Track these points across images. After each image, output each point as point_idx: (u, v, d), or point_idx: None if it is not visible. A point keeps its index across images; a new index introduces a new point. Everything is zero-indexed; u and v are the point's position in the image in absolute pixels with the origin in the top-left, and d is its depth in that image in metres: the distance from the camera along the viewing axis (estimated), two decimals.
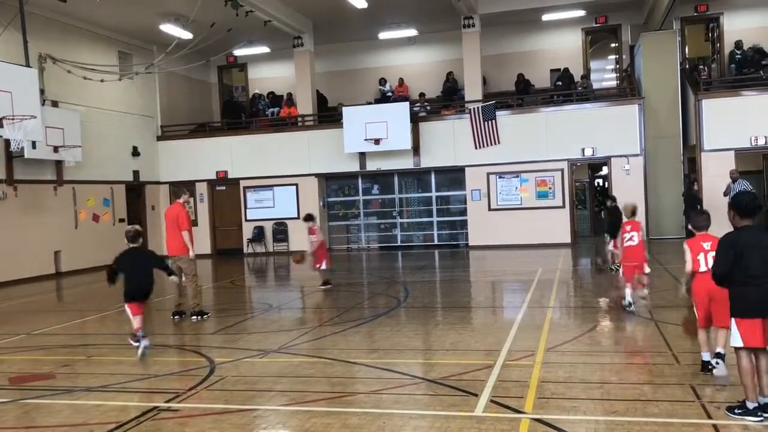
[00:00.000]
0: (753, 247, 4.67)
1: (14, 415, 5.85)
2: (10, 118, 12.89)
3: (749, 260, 4.65)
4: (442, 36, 23.49)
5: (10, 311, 12.36)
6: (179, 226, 10.17)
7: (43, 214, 17.52)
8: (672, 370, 6.19)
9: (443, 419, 5.09)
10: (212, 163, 22.18)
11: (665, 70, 20.02)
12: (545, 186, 19.77)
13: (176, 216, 10.19)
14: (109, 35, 20.37)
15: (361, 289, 13.53)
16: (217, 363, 7.21)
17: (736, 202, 4.91)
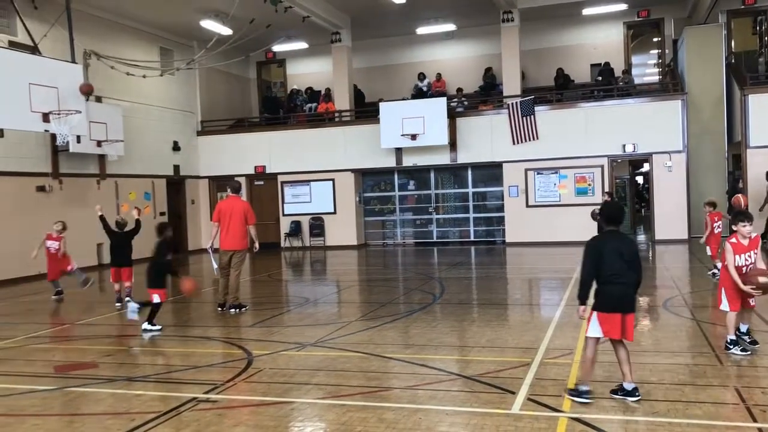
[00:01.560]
0: (614, 249, 5.28)
1: (60, 402, 6.01)
2: (56, 113, 13.19)
3: (611, 262, 5.25)
4: (481, 30, 23.31)
5: (56, 301, 12.68)
6: (248, 220, 10.27)
7: (87, 207, 17.85)
8: (715, 371, 6.05)
9: (480, 416, 5.06)
10: (251, 158, 22.42)
11: (710, 64, 19.54)
12: (584, 182, 19.49)
13: (245, 210, 10.28)
14: (151, 32, 20.72)
15: (397, 285, 13.54)
16: (255, 355, 7.29)
17: (604, 212, 5.68)
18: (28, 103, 12.72)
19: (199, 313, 10.80)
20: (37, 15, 15.30)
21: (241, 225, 10.23)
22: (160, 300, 8.94)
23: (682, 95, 18.93)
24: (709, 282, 11.66)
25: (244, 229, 10.29)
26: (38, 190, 16.44)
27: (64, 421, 5.48)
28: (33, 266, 15.89)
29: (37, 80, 12.91)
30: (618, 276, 5.24)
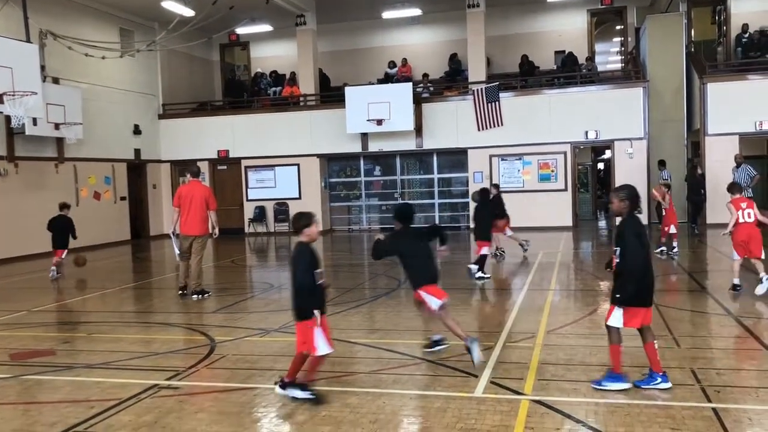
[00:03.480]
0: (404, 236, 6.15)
1: (16, 390, 5.87)
2: (11, 94, 12.82)
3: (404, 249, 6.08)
4: (447, 16, 23.28)
5: (11, 288, 12.39)
6: (209, 206, 10.14)
7: (44, 192, 17.49)
8: (672, 353, 6.19)
9: (443, 400, 5.09)
10: (214, 142, 22.11)
11: (671, 53, 19.86)
12: (548, 169, 19.70)
13: (206, 195, 10.14)
14: (111, 12, 20.19)
15: (362, 270, 13.53)
16: (218, 342, 7.22)
17: (396, 211, 6.36)
18: None
19: (161, 299, 10.65)
20: None
21: (201, 210, 10.10)
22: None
23: (644, 83, 19.21)
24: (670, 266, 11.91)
25: (205, 214, 10.16)
26: None
27: (19, 410, 5.36)
28: None
29: None
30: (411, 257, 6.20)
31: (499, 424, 4.56)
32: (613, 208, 5.34)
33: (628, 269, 5.08)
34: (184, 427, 4.75)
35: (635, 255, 5.06)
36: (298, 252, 5.13)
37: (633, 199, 5.21)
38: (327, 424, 4.69)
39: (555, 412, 4.75)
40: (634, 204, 5.21)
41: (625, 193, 5.23)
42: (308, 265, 5.08)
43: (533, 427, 4.49)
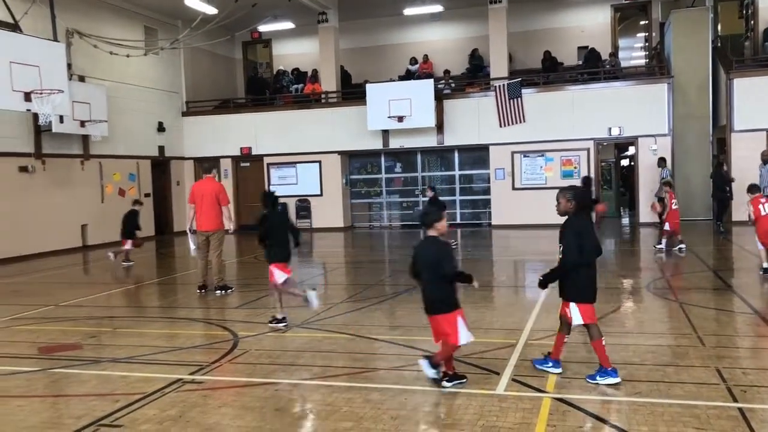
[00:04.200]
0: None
1: (44, 383, 5.99)
2: (39, 92, 13.02)
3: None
4: (468, 12, 23.18)
5: (39, 283, 12.60)
6: (221, 202, 10.24)
7: (71, 188, 17.76)
8: (697, 352, 6.12)
9: (464, 397, 5.09)
10: (236, 140, 22.26)
11: (696, 48, 19.59)
12: (570, 165, 19.55)
13: (217, 191, 10.24)
14: (135, 10, 20.41)
15: (383, 267, 13.56)
16: (241, 337, 7.29)
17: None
18: (9, 82, 12.54)
19: (185, 294, 10.77)
20: None
21: (212, 206, 10.21)
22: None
23: (668, 79, 18.97)
24: (694, 264, 11.77)
25: (217, 210, 10.26)
26: (21, 170, 16.23)
27: (48, 402, 5.46)
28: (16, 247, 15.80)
29: (18, 59, 12.73)
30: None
31: (521, 422, 4.55)
32: (560, 208, 5.58)
33: (564, 265, 5.41)
34: (207, 421, 4.81)
35: (571, 253, 5.32)
36: (440, 245, 5.21)
37: (579, 201, 5.51)
38: (348, 419, 4.71)
39: (577, 410, 4.73)
40: (580, 205, 5.52)
41: (571, 193, 5.52)
42: (452, 257, 5.22)
43: (555, 425, 4.48)
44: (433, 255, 5.20)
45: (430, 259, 5.22)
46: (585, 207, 5.55)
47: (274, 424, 4.76)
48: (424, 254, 5.29)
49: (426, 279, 5.25)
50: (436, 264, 5.17)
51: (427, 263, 5.24)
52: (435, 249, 5.21)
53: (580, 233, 5.38)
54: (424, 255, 5.29)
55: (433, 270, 5.19)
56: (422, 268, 5.28)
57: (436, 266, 5.17)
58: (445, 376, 5.32)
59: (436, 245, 5.24)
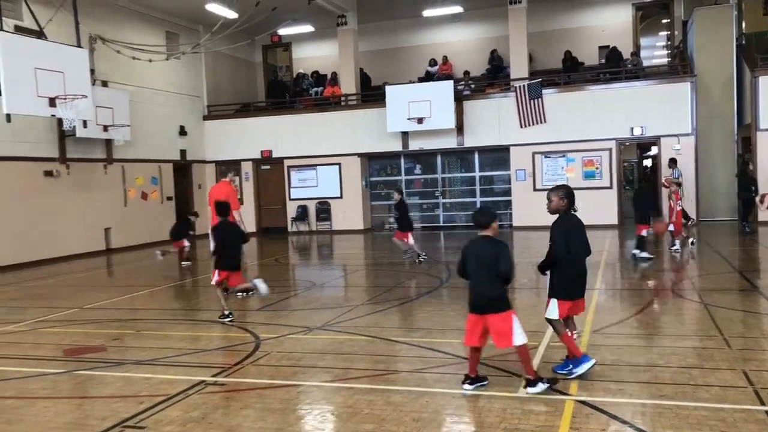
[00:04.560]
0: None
1: (69, 385, 6.06)
2: (63, 97, 13.18)
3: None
4: (488, 12, 23.11)
5: (64, 286, 12.76)
6: (231, 205, 10.29)
7: (94, 192, 17.99)
8: (723, 354, 6.03)
9: (486, 399, 5.07)
10: (257, 143, 22.40)
11: (720, 46, 19.33)
12: (592, 166, 19.39)
13: (227, 194, 10.32)
14: (157, 16, 20.63)
15: (403, 269, 13.54)
16: (263, 339, 7.32)
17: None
18: (34, 87, 12.71)
19: (207, 297, 10.83)
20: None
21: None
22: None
23: (692, 77, 18.74)
24: (720, 265, 11.61)
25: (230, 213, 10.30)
26: (46, 174, 16.48)
27: (73, 404, 5.52)
28: (41, 251, 16.02)
29: (43, 65, 12.90)
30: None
31: (543, 424, 4.52)
32: (552, 206, 5.61)
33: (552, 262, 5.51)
34: (230, 423, 4.83)
35: (558, 251, 5.43)
36: (497, 245, 5.21)
37: (571, 198, 5.58)
38: (370, 422, 4.71)
39: (600, 413, 4.68)
40: (571, 203, 5.58)
41: (564, 192, 5.60)
42: (510, 257, 5.24)
43: (578, 428, 4.43)
44: (491, 254, 5.17)
45: (487, 258, 5.18)
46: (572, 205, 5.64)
47: (295, 427, 4.77)
48: (479, 253, 5.25)
49: (481, 278, 5.20)
50: (494, 263, 5.14)
51: (483, 262, 5.19)
52: (492, 248, 5.20)
53: (569, 231, 5.48)
54: (479, 254, 5.25)
55: (491, 269, 5.15)
56: (476, 267, 5.23)
57: (493, 265, 5.14)
58: (466, 378, 5.29)
59: (492, 245, 5.24)
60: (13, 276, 14.24)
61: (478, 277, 5.23)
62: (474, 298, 5.28)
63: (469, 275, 5.31)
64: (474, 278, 5.27)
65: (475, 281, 5.26)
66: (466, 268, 5.33)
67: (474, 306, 5.27)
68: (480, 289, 5.22)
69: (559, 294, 5.52)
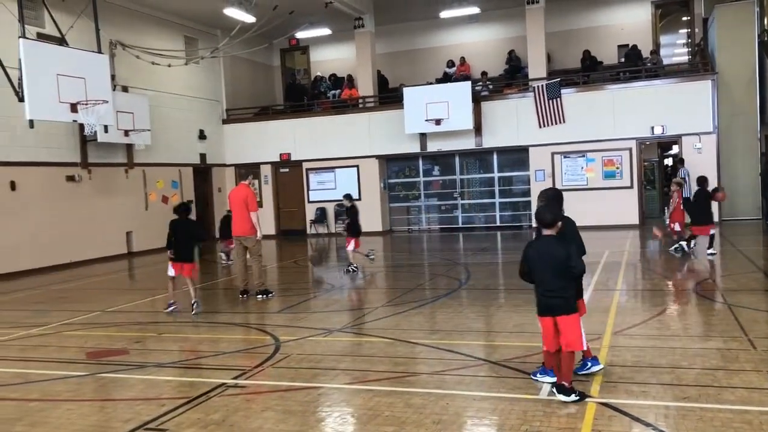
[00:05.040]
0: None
1: (92, 387, 6.12)
2: (84, 103, 13.35)
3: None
4: (505, 13, 23.04)
5: (87, 289, 12.91)
6: (248, 207, 10.37)
7: (116, 196, 18.18)
8: (748, 355, 5.94)
9: (507, 401, 5.04)
10: (276, 146, 22.50)
11: (741, 43, 19.09)
12: (612, 166, 19.23)
13: (245, 197, 10.39)
14: (176, 21, 20.82)
15: (422, 271, 13.52)
16: (282, 341, 7.34)
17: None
18: (56, 93, 12.89)
19: (227, 299, 10.91)
20: (64, 6, 15.45)
21: (242, 211, 10.38)
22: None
23: (713, 75, 18.52)
24: (743, 265, 11.45)
25: (246, 215, 10.40)
26: (68, 179, 16.69)
27: (96, 406, 5.58)
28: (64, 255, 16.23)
29: (64, 71, 13.08)
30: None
31: (565, 427, 4.48)
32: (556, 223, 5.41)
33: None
34: (250, 425, 4.84)
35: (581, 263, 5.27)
36: (565, 244, 5.12)
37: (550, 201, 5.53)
38: (390, 424, 4.70)
39: (623, 415, 4.63)
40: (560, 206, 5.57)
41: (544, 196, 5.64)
42: (580, 255, 5.15)
43: (600, 430, 4.39)
44: (562, 254, 5.07)
45: (558, 258, 5.07)
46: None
47: (316, 429, 4.77)
48: (548, 254, 5.12)
49: (553, 279, 5.07)
50: (565, 263, 5.05)
51: (553, 263, 5.08)
52: (562, 248, 5.10)
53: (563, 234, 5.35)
54: (548, 254, 5.12)
55: (562, 269, 5.06)
56: (544, 268, 5.10)
57: (564, 265, 5.05)
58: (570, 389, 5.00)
59: (562, 244, 5.14)
60: (36, 280, 14.43)
61: (550, 279, 5.08)
62: (548, 300, 5.10)
63: (536, 277, 5.17)
64: (544, 280, 5.11)
65: (547, 282, 5.10)
66: (531, 269, 5.19)
67: (547, 308, 5.11)
68: (553, 290, 5.07)
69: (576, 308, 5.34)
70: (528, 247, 5.28)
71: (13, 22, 12.75)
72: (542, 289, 5.13)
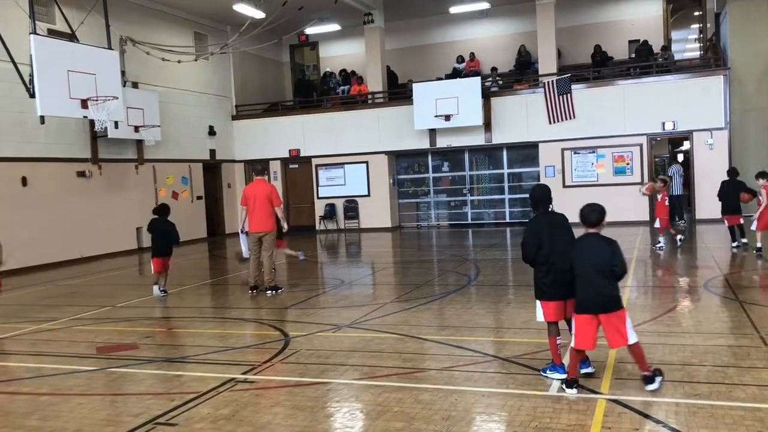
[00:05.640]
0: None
1: (103, 382, 6.16)
2: (94, 99, 13.40)
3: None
4: (515, 8, 22.94)
5: (97, 284, 12.98)
6: (273, 202, 10.36)
7: (126, 192, 18.26)
8: (759, 352, 5.90)
9: (516, 398, 5.02)
10: (285, 142, 22.52)
11: (754, 37, 18.92)
12: (623, 162, 19.12)
13: (269, 193, 10.37)
14: (186, 17, 20.86)
15: (431, 267, 13.51)
16: (292, 336, 7.35)
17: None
18: (67, 90, 12.94)
19: (236, 295, 10.94)
20: (75, 3, 15.51)
21: (266, 207, 10.31)
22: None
23: (725, 70, 18.38)
24: (752, 261, 11.37)
25: (270, 211, 10.35)
26: (79, 175, 16.78)
27: (107, 401, 5.61)
28: (74, 250, 16.32)
29: (75, 67, 13.12)
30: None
31: (575, 423, 4.46)
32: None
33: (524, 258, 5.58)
34: (260, 420, 4.86)
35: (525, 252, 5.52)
36: (611, 242, 5.13)
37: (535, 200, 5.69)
38: (400, 420, 4.70)
39: (633, 412, 4.61)
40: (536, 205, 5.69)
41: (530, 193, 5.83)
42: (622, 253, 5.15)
43: (610, 427, 4.37)
44: (608, 251, 5.08)
45: (604, 255, 5.07)
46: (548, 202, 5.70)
47: (325, 424, 4.78)
48: (594, 251, 5.12)
49: (597, 276, 5.03)
50: (610, 260, 5.05)
51: (599, 260, 5.07)
52: (608, 245, 5.11)
53: (539, 233, 5.48)
54: (594, 252, 5.12)
55: (607, 267, 5.05)
56: (589, 265, 5.06)
57: (609, 263, 5.05)
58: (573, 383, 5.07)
59: (607, 242, 5.16)
60: (47, 275, 14.52)
61: (594, 276, 5.04)
62: (591, 298, 5.04)
63: (579, 274, 5.11)
64: (587, 277, 5.06)
65: (591, 280, 5.04)
66: (574, 267, 5.15)
67: (590, 305, 5.05)
68: (597, 288, 5.02)
69: (542, 294, 5.48)
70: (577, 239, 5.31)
71: (24, 18, 12.80)
72: (589, 287, 5.07)
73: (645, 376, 5.01)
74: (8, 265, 9.71)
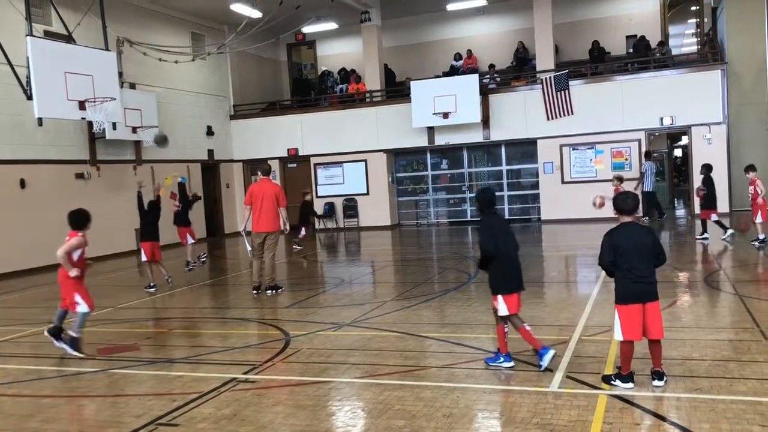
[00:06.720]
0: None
1: (104, 383, 6.16)
2: (92, 100, 13.37)
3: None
4: (512, 5, 22.93)
5: (97, 286, 12.93)
6: (280, 203, 10.35)
7: (124, 193, 18.20)
8: (760, 346, 5.91)
9: (517, 394, 5.03)
10: (283, 141, 22.51)
11: (752, 32, 18.89)
12: (621, 157, 19.13)
13: (277, 192, 10.35)
14: (182, 17, 20.83)
15: (431, 265, 13.51)
16: (292, 336, 7.36)
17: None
18: (64, 91, 12.90)
19: (237, 295, 10.94)
20: (71, 4, 15.49)
21: (272, 207, 10.29)
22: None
23: (722, 65, 18.38)
24: (751, 256, 11.39)
25: (276, 211, 10.35)
26: (77, 177, 16.77)
27: (108, 402, 5.61)
28: None
29: (72, 69, 13.08)
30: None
31: (576, 419, 4.47)
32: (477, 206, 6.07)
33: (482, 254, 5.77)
34: (261, 419, 4.86)
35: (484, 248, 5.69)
36: (651, 231, 5.13)
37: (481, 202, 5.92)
38: (401, 417, 4.70)
39: (634, 407, 4.62)
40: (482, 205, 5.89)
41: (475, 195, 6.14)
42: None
43: (612, 422, 4.38)
44: (651, 240, 5.06)
45: (648, 244, 5.04)
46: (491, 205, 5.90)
47: (326, 423, 4.79)
48: (637, 241, 5.04)
49: (643, 265, 4.99)
50: (654, 249, 5.06)
51: (644, 250, 5.03)
52: (649, 235, 5.11)
53: (492, 227, 5.73)
54: (638, 241, 5.04)
55: (651, 255, 5.04)
56: (635, 255, 4.99)
57: (653, 252, 5.05)
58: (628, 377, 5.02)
59: (647, 231, 5.15)
60: (47, 277, 14.49)
61: (641, 265, 4.99)
62: (641, 287, 4.97)
63: (624, 265, 5.01)
64: (635, 267, 4.98)
65: (639, 269, 4.98)
66: (618, 257, 5.03)
67: (640, 294, 4.97)
68: (645, 276, 4.99)
69: (501, 288, 5.69)
70: (611, 236, 5.14)
71: (21, 20, 12.78)
72: (633, 276, 4.99)
73: (657, 372, 5.04)
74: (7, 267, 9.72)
